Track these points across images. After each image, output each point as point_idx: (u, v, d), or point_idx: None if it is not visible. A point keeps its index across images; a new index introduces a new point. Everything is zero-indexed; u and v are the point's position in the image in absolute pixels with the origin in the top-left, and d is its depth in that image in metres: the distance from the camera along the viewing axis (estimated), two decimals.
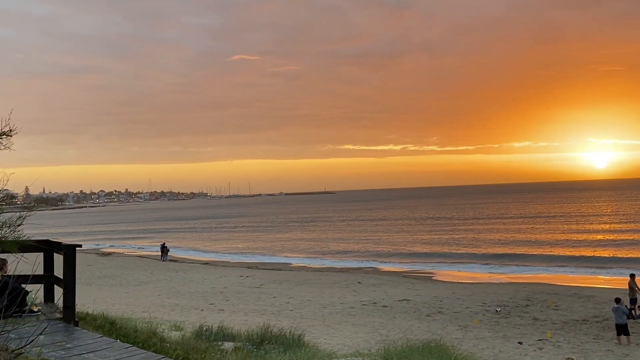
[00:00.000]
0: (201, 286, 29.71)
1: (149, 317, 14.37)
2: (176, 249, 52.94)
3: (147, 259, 48.38)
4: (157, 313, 16.42)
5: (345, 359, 9.74)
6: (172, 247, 51.21)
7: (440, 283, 32.08)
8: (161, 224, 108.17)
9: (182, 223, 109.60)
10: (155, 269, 39.40)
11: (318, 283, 31.20)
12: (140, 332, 10.24)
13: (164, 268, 40.05)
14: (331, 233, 74.08)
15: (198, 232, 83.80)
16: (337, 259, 46.25)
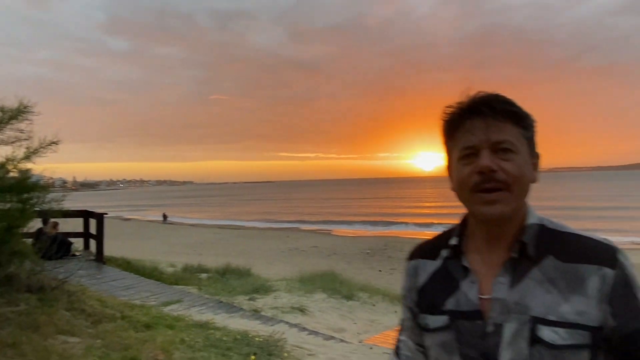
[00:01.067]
0: (188, 240, 31.16)
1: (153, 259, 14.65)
2: (172, 217, 53.70)
3: (154, 222, 48.72)
4: (158, 257, 17.09)
5: (276, 282, 10.10)
6: (170, 216, 52.87)
7: (336, 236, 35.35)
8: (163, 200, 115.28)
9: (177, 200, 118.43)
10: (159, 229, 40.74)
11: (262, 237, 33.43)
12: (147, 268, 11.85)
13: (164, 228, 41.42)
14: (270, 206, 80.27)
15: (187, 205, 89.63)
16: (275, 222, 49.44)
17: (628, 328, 0.81)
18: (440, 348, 0.90)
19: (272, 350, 4.73)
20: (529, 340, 0.81)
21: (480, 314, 0.86)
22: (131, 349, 4.26)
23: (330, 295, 9.03)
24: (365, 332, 7.14)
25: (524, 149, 0.88)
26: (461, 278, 0.91)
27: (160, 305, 6.54)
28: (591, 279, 0.82)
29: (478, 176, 0.85)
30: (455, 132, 0.91)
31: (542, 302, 0.82)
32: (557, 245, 0.87)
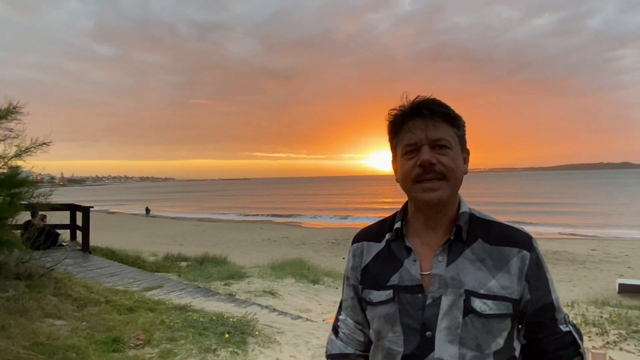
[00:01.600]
0: (169, 231, 30.36)
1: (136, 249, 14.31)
2: (155, 210, 51.97)
3: (137, 215, 47.08)
4: (141, 247, 16.77)
5: (250, 269, 10.00)
6: (153, 209, 51.37)
7: (305, 228, 35.27)
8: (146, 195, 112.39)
9: (159, 195, 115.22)
10: (142, 221, 39.47)
11: (237, 229, 32.94)
12: (130, 257, 11.52)
13: (147, 221, 40.20)
14: (246, 201, 79.68)
15: (169, 200, 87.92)
16: (250, 215, 48.70)
17: (540, 302, 0.92)
18: (383, 319, 0.94)
19: (245, 329, 4.72)
20: (463, 311, 0.87)
21: (421, 288, 0.91)
22: (114, 329, 4.17)
23: (298, 280, 9.05)
24: (328, 312, 7.20)
25: (456, 146, 0.95)
26: (404, 257, 0.96)
27: (142, 291, 6.40)
28: (513, 260, 0.90)
29: (419, 169, 0.91)
30: (399, 132, 0.97)
31: (474, 278, 0.89)
32: (485, 231, 0.94)
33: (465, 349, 0.86)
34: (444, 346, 0.87)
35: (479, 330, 0.87)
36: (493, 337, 0.88)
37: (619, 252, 19.12)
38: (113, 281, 6.76)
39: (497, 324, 0.88)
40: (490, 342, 0.87)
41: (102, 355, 3.52)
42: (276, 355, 4.44)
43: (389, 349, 0.93)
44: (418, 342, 0.89)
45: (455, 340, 0.87)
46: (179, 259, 12.39)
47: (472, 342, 0.87)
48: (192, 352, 3.93)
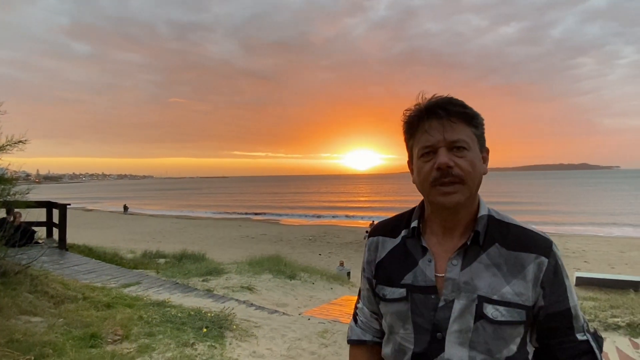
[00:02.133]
0: (147, 228, 29.73)
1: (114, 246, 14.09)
2: (133, 208, 50.79)
3: (115, 213, 45.78)
4: (119, 244, 16.38)
5: (228, 265, 9.93)
6: (131, 207, 50.20)
7: (283, 225, 35.25)
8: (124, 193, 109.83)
9: (137, 193, 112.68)
10: (119, 219, 38.39)
11: (216, 226, 32.68)
12: (108, 254, 11.19)
13: (125, 218, 39.15)
14: (225, 199, 78.82)
15: (147, 198, 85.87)
16: (228, 212, 48.28)
17: (553, 308, 0.87)
18: (395, 316, 0.93)
19: (223, 324, 4.70)
20: (474, 316, 0.85)
21: (435, 290, 0.89)
22: (92, 326, 4.08)
23: (275, 276, 9.04)
24: (305, 307, 7.24)
25: (475, 146, 0.90)
26: (419, 256, 0.93)
27: (120, 287, 6.27)
28: (530, 266, 0.86)
29: (437, 172, 0.87)
30: (415, 133, 0.93)
31: (487, 284, 0.86)
32: (502, 235, 0.90)
33: (475, 352, 0.84)
34: (455, 348, 0.85)
35: (490, 336, 0.85)
36: (505, 342, 0.85)
37: (576, 247, 19.87)
38: (90, 278, 6.59)
39: (509, 330, 0.85)
40: (502, 348, 0.85)
41: (80, 351, 3.45)
42: (253, 349, 4.44)
43: (400, 344, 0.93)
44: (428, 341, 0.88)
45: (466, 343, 0.85)
46: (157, 256, 12.18)
47: (482, 347, 0.85)
48: (170, 347, 3.89)
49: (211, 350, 4.01)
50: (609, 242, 22.35)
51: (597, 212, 38.84)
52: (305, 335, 5.16)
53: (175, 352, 3.78)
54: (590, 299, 6.78)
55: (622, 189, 78.03)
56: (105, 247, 12.56)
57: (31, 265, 5.19)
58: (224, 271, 9.02)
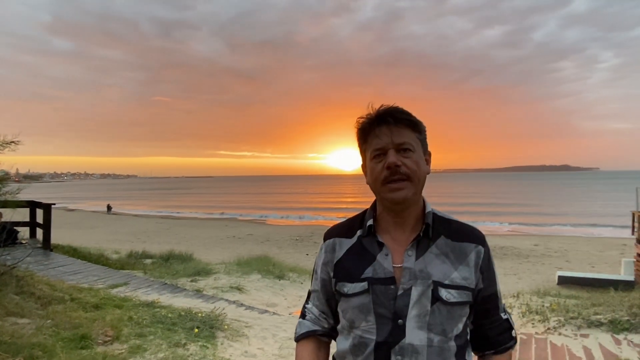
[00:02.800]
0: (132, 229, 29.09)
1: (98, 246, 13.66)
2: (116, 208, 49.35)
3: (98, 213, 44.58)
4: (103, 244, 16.09)
5: (216, 265, 9.92)
6: (114, 207, 48.72)
7: (269, 225, 35.04)
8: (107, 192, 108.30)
9: (121, 192, 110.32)
10: (103, 219, 37.47)
11: (202, 226, 32.30)
12: (93, 254, 11.18)
13: (109, 218, 38.21)
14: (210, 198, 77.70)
15: (131, 197, 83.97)
16: (214, 212, 47.63)
17: (487, 291, 1.02)
18: (357, 310, 0.98)
19: (214, 324, 4.69)
20: (431, 299, 0.94)
21: (393, 280, 0.97)
22: (81, 327, 4.03)
23: (264, 276, 9.03)
24: (294, 306, 7.25)
25: (419, 148, 1.01)
26: (376, 251, 1.01)
27: (107, 288, 6.19)
28: (471, 254, 1.00)
29: (387, 171, 0.98)
30: (367, 137, 1.03)
31: (439, 270, 0.96)
32: (446, 228, 1.02)
33: (433, 334, 0.94)
34: (414, 332, 0.93)
35: (444, 317, 0.95)
36: (455, 322, 0.96)
37: (558, 247, 20.29)
38: (77, 279, 6.50)
39: (459, 310, 0.96)
40: (453, 327, 0.96)
41: (70, 352, 3.41)
42: (245, 348, 4.44)
43: (360, 337, 0.98)
44: (390, 329, 0.94)
45: (424, 326, 0.94)
46: (143, 257, 12.04)
47: (438, 328, 0.94)
48: (161, 347, 3.87)
49: (203, 350, 4.00)
50: (589, 242, 22.88)
51: (578, 213, 39.73)
52: None
53: (167, 352, 3.76)
54: (573, 297, 6.94)
55: (602, 190, 79.98)
56: (90, 248, 12.33)
57: (17, 266, 5.11)
58: (212, 271, 8.98)
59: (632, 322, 4.42)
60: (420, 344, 0.93)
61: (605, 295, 6.35)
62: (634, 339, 4.12)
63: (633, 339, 4.13)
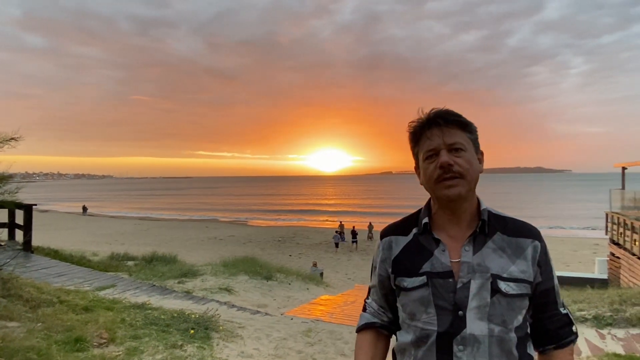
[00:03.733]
0: (109, 230, 28.53)
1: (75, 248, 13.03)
2: (92, 209, 48.23)
3: (73, 214, 43.47)
4: (80, 246, 15.68)
5: (202, 267, 9.84)
6: (90, 208, 47.60)
7: (251, 227, 35.07)
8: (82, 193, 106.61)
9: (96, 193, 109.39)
10: (79, 220, 36.64)
11: (182, 227, 31.99)
12: (74, 256, 11.05)
13: (84, 220, 37.43)
14: (190, 199, 77.72)
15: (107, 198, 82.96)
16: (194, 214, 47.18)
17: (545, 285, 1.05)
18: (417, 302, 1.02)
19: (208, 325, 4.66)
20: (490, 292, 0.98)
21: (451, 274, 1.00)
22: (74, 329, 3.94)
23: (251, 277, 8.98)
24: (284, 307, 7.25)
25: (470, 148, 1.05)
26: (433, 248, 1.05)
27: (94, 290, 6.05)
28: (528, 249, 1.03)
29: (440, 170, 1.01)
30: (419, 140, 1.08)
31: (497, 264, 1.00)
32: (502, 225, 1.06)
33: (493, 325, 0.97)
34: (475, 323, 0.97)
35: (505, 308, 0.98)
36: (515, 314, 0.99)
37: None
38: (62, 281, 6.33)
39: (518, 302, 0.99)
40: (513, 319, 0.98)
41: (67, 355, 3.34)
42: (241, 349, 4.43)
43: (422, 329, 1.01)
44: (451, 320, 0.98)
45: (485, 317, 0.97)
46: (125, 258, 11.87)
47: (498, 319, 0.97)
48: (158, 349, 3.83)
49: (200, 351, 3.97)
50: (563, 242, 23.64)
51: (552, 213, 40.95)
52: (290, 335, 5.20)
53: (165, 353, 3.73)
54: None
55: (574, 192, 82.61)
56: (69, 250, 11.81)
57: (2, 268, 4.95)
58: (199, 273, 8.88)
59: (615, 317, 4.62)
60: (482, 334, 0.96)
61: (584, 292, 6.59)
62: (617, 334, 4.31)
63: (617, 334, 4.31)
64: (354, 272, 16.49)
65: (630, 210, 12.67)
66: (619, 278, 11.76)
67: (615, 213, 13.00)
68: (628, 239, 11.22)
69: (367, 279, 14.43)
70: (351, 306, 7.53)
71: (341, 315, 6.60)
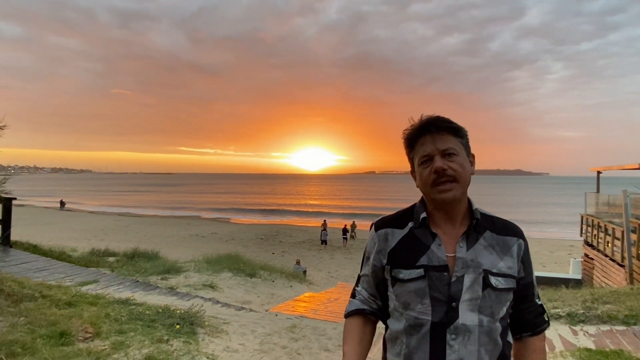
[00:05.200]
0: (88, 226, 27.95)
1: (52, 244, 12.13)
2: (71, 204, 47.24)
3: (50, 209, 42.21)
4: (58, 242, 15.02)
5: (185, 263, 9.72)
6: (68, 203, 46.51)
7: (234, 224, 34.79)
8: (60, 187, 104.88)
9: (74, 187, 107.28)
10: (56, 215, 35.65)
11: (163, 224, 31.59)
12: (55, 251, 10.86)
13: (62, 215, 36.41)
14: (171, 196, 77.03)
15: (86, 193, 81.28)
16: (175, 211, 46.57)
17: (528, 279, 1.15)
18: (413, 293, 1.09)
19: (194, 320, 4.69)
20: (482, 286, 1.07)
21: (447, 268, 1.08)
22: (58, 324, 3.92)
23: (235, 274, 9.00)
24: (268, 304, 7.30)
25: (462, 152, 1.12)
26: (430, 242, 1.12)
27: (77, 285, 5.99)
28: (514, 247, 1.13)
29: (434, 175, 1.09)
30: (414, 146, 1.15)
31: (488, 260, 1.09)
32: (490, 224, 1.15)
33: (483, 316, 1.06)
34: (467, 314, 1.05)
35: (494, 301, 1.07)
36: (501, 306, 1.09)
37: None
38: (43, 276, 6.24)
39: (505, 295, 1.09)
40: (499, 310, 1.08)
41: (53, 349, 3.33)
42: (226, 344, 4.48)
43: (416, 318, 1.08)
44: (445, 311, 1.06)
45: (475, 309, 1.06)
46: (106, 254, 11.55)
47: (488, 310, 1.06)
48: (144, 343, 3.84)
49: (186, 346, 4.00)
50: (540, 243, 24.28)
51: (530, 215, 41.94)
52: (274, 331, 5.26)
53: (152, 348, 3.75)
54: None
55: (551, 194, 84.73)
56: (48, 245, 11.70)
57: None
58: (182, 269, 8.84)
59: (587, 314, 4.83)
60: (472, 324, 1.05)
61: (559, 292, 6.82)
62: (589, 330, 4.51)
63: (588, 330, 4.52)
64: (337, 271, 16.60)
65: (604, 213, 13.12)
66: (592, 278, 12.19)
67: (589, 216, 13.45)
68: (601, 241, 11.63)
69: (350, 277, 14.56)
70: (334, 303, 7.64)
71: (325, 312, 6.70)
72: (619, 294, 5.56)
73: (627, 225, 9.58)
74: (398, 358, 1.11)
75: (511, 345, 1.14)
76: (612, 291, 5.97)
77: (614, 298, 5.31)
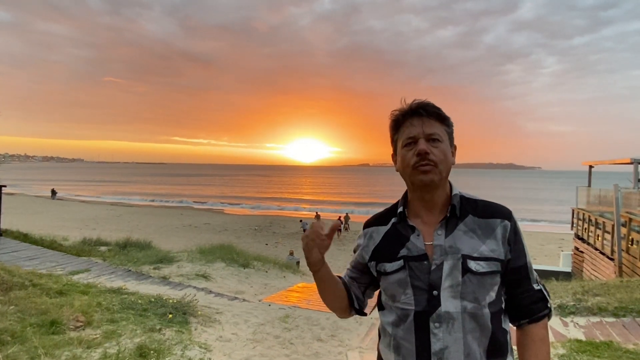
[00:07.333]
0: (79, 215, 27.57)
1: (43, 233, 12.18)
2: (62, 192, 46.29)
3: (41, 198, 41.42)
4: (49, 231, 14.69)
5: (177, 253, 9.62)
6: (59, 192, 45.43)
7: (227, 215, 34.60)
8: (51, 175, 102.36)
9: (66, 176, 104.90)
10: (48, 204, 34.91)
11: (156, 214, 31.33)
12: (46, 240, 10.78)
13: (54, 204, 35.70)
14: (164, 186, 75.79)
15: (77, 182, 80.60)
16: (168, 201, 46.28)
17: (515, 263, 1.10)
18: (396, 284, 1.10)
19: (186, 310, 4.67)
20: (461, 271, 1.05)
21: (426, 257, 1.08)
22: (49, 313, 3.88)
23: (228, 264, 8.98)
24: (261, 294, 7.30)
25: (446, 140, 1.12)
26: (409, 234, 1.12)
27: (68, 274, 5.95)
28: (498, 229, 1.09)
29: (417, 157, 1.09)
30: (400, 128, 1.15)
31: (468, 245, 1.07)
32: (473, 208, 1.13)
33: (466, 302, 1.04)
34: (449, 301, 1.04)
35: (476, 286, 1.04)
36: (487, 290, 1.06)
37: None
38: (33, 264, 6.20)
39: (489, 279, 1.06)
40: (485, 295, 1.05)
41: (43, 338, 3.30)
42: (219, 334, 4.47)
43: (402, 309, 1.09)
44: (427, 299, 1.05)
45: (457, 295, 1.04)
46: (98, 244, 11.67)
47: (470, 296, 1.04)
48: (136, 332, 3.82)
49: (179, 335, 3.99)
50: (531, 236, 24.47)
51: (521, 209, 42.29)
52: (267, 321, 5.26)
53: (144, 337, 3.72)
54: None
55: (543, 188, 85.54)
56: (39, 234, 11.63)
57: None
58: (175, 259, 8.81)
59: (577, 306, 4.89)
60: (455, 311, 1.04)
61: (549, 284, 6.89)
62: (579, 322, 4.57)
63: (578, 322, 4.57)
64: (330, 262, 16.09)
65: (595, 207, 13.25)
66: (582, 271, 12.35)
67: (580, 209, 13.58)
68: (592, 235, 11.76)
69: (342, 268, 14.39)
70: None
71: (318, 302, 6.71)
72: (608, 286, 5.62)
73: (617, 219, 9.69)
74: (388, 349, 1.12)
75: (507, 332, 1.10)
76: (602, 284, 6.04)
77: (603, 290, 5.38)
